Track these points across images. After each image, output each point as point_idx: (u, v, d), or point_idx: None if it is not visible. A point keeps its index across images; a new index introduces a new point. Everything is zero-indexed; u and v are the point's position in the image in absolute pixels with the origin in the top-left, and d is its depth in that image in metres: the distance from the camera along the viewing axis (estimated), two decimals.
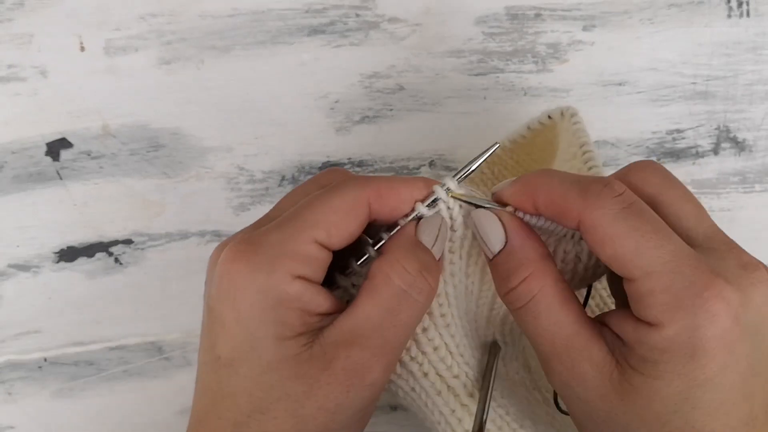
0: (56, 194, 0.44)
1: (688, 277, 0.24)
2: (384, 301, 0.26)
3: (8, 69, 0.44)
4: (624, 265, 0.25)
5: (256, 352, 0.25)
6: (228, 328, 0.26)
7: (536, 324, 0.26)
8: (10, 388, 0.44)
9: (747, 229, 0.44)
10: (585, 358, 0.26)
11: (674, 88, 0.45)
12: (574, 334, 0.26)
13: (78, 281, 0.44)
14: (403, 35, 0.45)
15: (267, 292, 0.25)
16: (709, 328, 0.24)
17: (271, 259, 0.25)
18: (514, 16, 0.45)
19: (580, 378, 0.26)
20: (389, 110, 0.45)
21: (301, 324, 0.26)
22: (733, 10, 0.45)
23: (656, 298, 0.24)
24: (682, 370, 0.24)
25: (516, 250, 0.27)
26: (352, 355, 0.25)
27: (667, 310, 0.24)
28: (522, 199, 0.27)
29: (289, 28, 0.45)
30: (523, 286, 0.26)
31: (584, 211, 0.25)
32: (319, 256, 0.26)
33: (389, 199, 0.27)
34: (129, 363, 0.44)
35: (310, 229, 0.26)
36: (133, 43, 0.44)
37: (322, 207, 0.26)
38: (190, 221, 0.44)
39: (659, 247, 0.24)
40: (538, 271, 0.26)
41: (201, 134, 0.44)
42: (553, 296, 0.26)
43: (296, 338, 0.25)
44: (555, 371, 0.26)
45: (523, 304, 0.26)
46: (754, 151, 0.45)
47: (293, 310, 0.25)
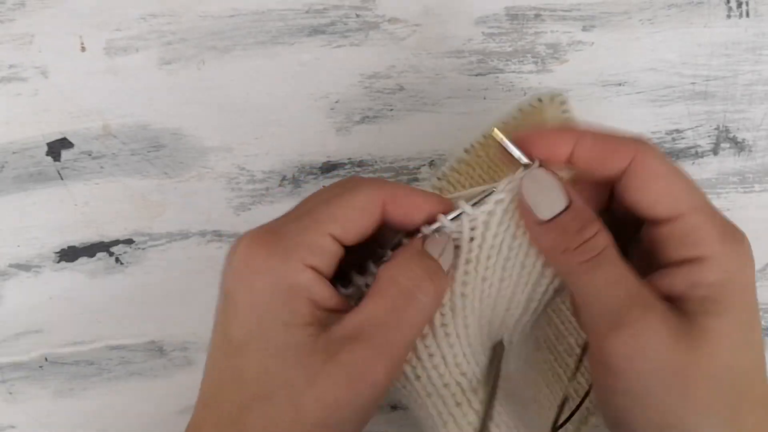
0: (57, 194, 0.44)
1: (724, 220, 0.26)
2: (389, 301, 0.27)
3: (9, 69, 0.44)
4: (673, 200, 0.26)
5: (266, 336, 0.26)
6: (241, 311, 0.26)
7: (608, 274, 0.27)
8: (10, 387, 0.44)
9: (747, 229, 0.44)
10: (656, 307, 0.26)
11: (674, 88, 0.45)
12: (639, 285, 0.26)
13: (79, 281, 0.44)
14: (403, 36, 0.45)
15: (280, 277, 0.26)
16: (751, 264, 0.26)
17: (287, 246, 0.26)
18: (513, 17, 0.45)
19: (652, 329, 0.25)
20: (389, 110, 0.45)
21: (310, 314, 0.26)
22: (733, 11, 0.45)
23: (706, 231, 0.25)
24: (743, 301, 0.25)
25: (582, 208, 0.27)
26: (356, 351, 0.26)
27: (719, 243, 0.25)
28: (560, 144, 0.28)
29: (290, 29, 0.45)
30: (598, 236, 0.27)
31: (639, 149, 0.26)
32: (332, 249, 0.27)
33: (403, 205, 0.28)
34: (130, 363, 0.44)
35: (326, 222, 0.26)
36: (133, 43, 0.44)
37: (339, 203, 0.27)
38: (191, 221, 0.44)
39: (700, 191, 0.27)
40: (604, 227, 0.27)
41: (201, 134, 0.44)
42: (617, 252, 0.27)
43: (304, 327, 0.26)
44: (620, 325, 0.26)
45: (597, 253, 0.27)
46: (753, 152, 0.45)
47: (303, 298, 0.26)
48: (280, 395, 0.25)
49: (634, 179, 0.26)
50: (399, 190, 0.28)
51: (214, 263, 0.44)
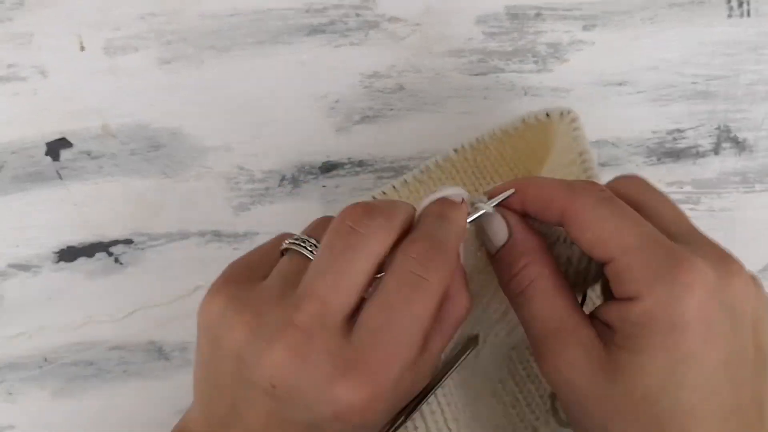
0: (56, 194, 0.44)
1: (665, 252, 0.25)
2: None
3: (8, 69, 0.44)
4: (603, 246, 0.26)
5: None
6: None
7: (532, 307, 0.28)
8: (10, 387, 0.44)
9: (747, 229, 0.44)
10: (575, 340, 0.27)
11: (675, 87, 0.45)
12: (566, 317, 0.27)
13: (78, 281, 0.44)
14: (403, 35, 0.45)
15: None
16: (686, 299, 0.24)
17: None
18: (514, 16, 0.45)
19: (569, 360, 0.27)
20: (389, 110, 0.45)
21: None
22: (734, 10, 0.45)
23: (634, 273, 0.25)
24: (664, 342, 0.25)
25: (518, 242, 0.29)
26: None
27: (645, 283, 0.25)
28: (513, 198, 0.29)
29: (289, 28, 0.44)
30: (524, 272, 0.28)
31: (568, 201, 0.27)
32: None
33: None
34: (129, 363, 0.44)
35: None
36: (132, 42, 0.44)
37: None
38: (190, 221, 0.44)
39: (636, 227, 0.26)
40: (536, 259, 0.28)
41: (201, 134, 0.44)
42: (549, 283, 0.28)
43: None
44: (545, 355, 0.28)
45: (522, 288, 0.28)
46: (754, 151, 0.45)
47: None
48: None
49: (569, 230, 0.27)
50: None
51: (214, 263, 0.44)
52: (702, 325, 0.24)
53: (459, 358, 0.31)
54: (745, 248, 0.27)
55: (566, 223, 0.27)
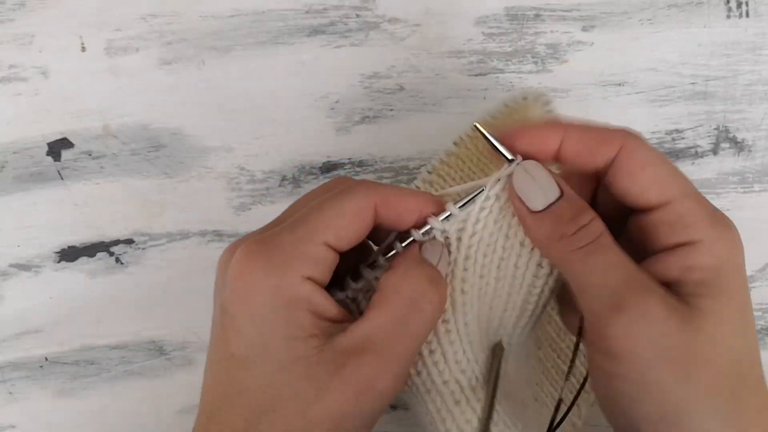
0: (57, 194, 0.44)
1: (711, 205, 0.27)
2: (395, 312, 0.27)
3: (9, 69, 0.44)
4: (662, 187, 0.26)
5: (270, 350, 0.26)
6: (241, 326, 0.26)
7: (606, 258, 0.27)
8: (11, 387, 0.44)
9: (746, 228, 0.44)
10: (654, 290, 0.26)
11: (673, 88, 0.45)
12: (636, 270, 0.27)
13: (79, 281, 0.44)
14: (403, 36, 0.45)
15: (279, 292, 0.26)
16: (740, 249, 0.26)
17: (283, 260, 0.26)
18: (513, 17, 0.45)
19: (652, 312, 0.26)
20: (389, 110, 0.45)
21: (312, 325, 0.26)
22: (733, 11, 0.45)
23: (697, 216, 0.26)
24: (737, 287, 0.26)
25: (576, 196, 0.28)
26: (364, 363, 0.26)
27: (710, 227, 0.26)
28: (548, 138, 0.28)
29: (290, 29, 0.45)
30: (593, 223, 0.27)
31: (627, 139, 0.27)
32: (327, 258, 0.27)
33: (395, 207, 0.28)
34: (130, 362, 0.44)
35: (320, 231, 0.26)
36: (133, 43, 0.44)
37: (331, 210, 0.27)
38: (191, 221, 0.44)
39: (687, 178, 0.27)
40: (597, 215, 0.28)
41: (202, 134, 0.44)
42: (612, 238, 0.27)
43: (307, 339, 0.26)
44: (623, 308, 0.26)
45: (594, 239, 0.27)
46: (753, 151, 0.45)
47: (304, 311, 0.26)
48: (288, 407, 0.25)
49: (623, 168, 0.27)
50: (390, 192, 0.28)
51: (215, 263, 0.44)
52: (744, 272, 0.26)
53: (494, 370, 0.30)
54: (745, 248, 0.27)
55: (622, 160, 0.26)
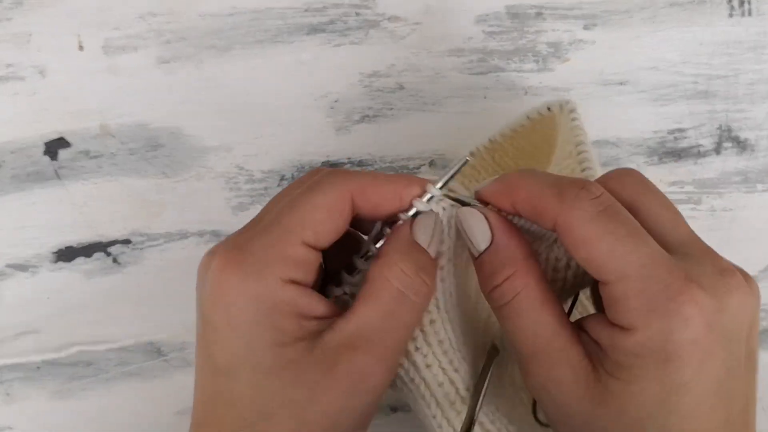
0: (55, 194, 0.44)
1: (662, 281, 0.24)
2: (384, 305, 0.26)
3: (7, 68, 0.44)
4: (598, 268, 0.25)
5: (255, 358, 0.25)
6: (223, 335, 0.26)
7: (517, 323, 0.27)
8: (8, 388, 0.44)
9: (748, 228, 0.44)
10: (563, 361, 0.26)
11: (675, 87, 0.45)
12: (553, 335, 0.26)
13: (76, 281, 0.44)
14: (403, 34, 0.44)
15: (260, 298, 0.25)
16: (683, 333, 0.24)
17: (260, 265, 0.25)
18: (514, 15, 0.45)
19: (557, 381, 0.26)
20: (389, 109, 0.44)
21: (298, 329, 0.26)
22: (735, 10, 0.45)
23: (629, 303, 0.24)
24: (656, 374, 0.24)
25: (501, 249, 0.27)
26: (355, 359, 0.25)
27: (640, 315, 0.24)
28: (501, 197, 0.27)
29: (289, 27, 0.44)
30: (507, 283, 0.27)
31: (560, 213, 0.25)
32: (308, 258, 0.26)
33: (373, 196, 0.27)
34: (128, 363, 0.44)
35: (296, 230, 0.26)
36: (132, 42, 0.44)
37: (305, 206, 0.26)
38: (189, 221, 0.44)
39: (634, 251, 0.24)
40: (522, 269, 0.27)
41: (200, 134, 0.44)
42: (535, 296, 0.27)
43: (295, 344, 0.25)
44: (533, 373, 0.27)
45: (506, 301, 0.27)
46: (756, 151, 0.45)
47: (288, 315, 0.25)
48: (281, 414, 0.25)
49: (563, 240, 0.26)
50: (366, 180, 0.27)
51: None
52: (697, 356, 0.24)
53: (487, 371, 0.30)
54: (746, 248, 0.27)
55: (559, 235, 0.26)
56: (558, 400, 0.26)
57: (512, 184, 0.27)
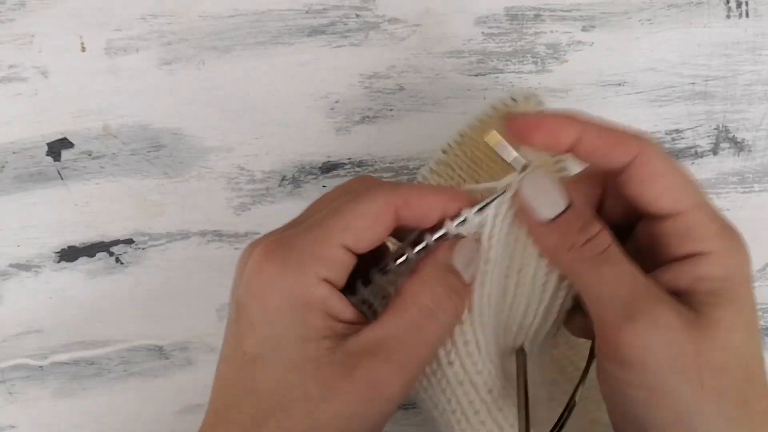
0: (57, 194, 0.44)
1: (722, 216, 0.27)
2: (411, 318, 0.27)
3: (9, 69, 0.44)
4: (675, 197, 0.26)
5: (281, 350, 0.26)
6: (256, 325, 0.26)
7: (616, 269, 0.27)
8: (11, 387, 0.44)
9: (746, 228, 0.44)
10: (665, 300, 0.26)
11: (673, 88, 0.45)
12: (646, 280, 0.27)
13: (79, 281, 0.44)
14: (403, 36, 0.45)
15: (295, 292, 0.26)
16: (748, 260, 0.27)
17: (300, 260, 0.26)
18: (513, 17, 0.45)
19: (664, 321, 0.26)
20: (389, 110, 0.45)
21: (325, 327, 0.26)
22: (732, 11, 0.45)
23: (708, 228, 0.26)
24: (746, 296, 0.26)
25: (584, 207, 0.28)
26: (374, 367, 0.26)
27: (720, 239, 0.26)
28: (567, 128, 0.27)
29: (290, 29, 0.45)
30: (602, 234, 0.27)
31: (644, 145, 0.27)
32: (345, 260, 0.27)
33: (417, 208, 0.28)
34: (130, 363, 0.44)
35: (339, 233, 0.26)
36: (133, 43, 0.45)
37: (351, 212, 0.27)
38: (191, 221, 0.44)
39: (700, 189, 0.27)
40: (605, 225, 0.28)
41: (202, 134, 0.44)
42: (621, 248, 0.27)
43: (319, 341, 0.26)
44: (635, 317, 0.26)
45: (603, 250, 0.27)
46: (753, 152, 0.45)
47: (318, 312, 0.26)
48: (297, 408, 0.26)
49: (637, 174, 0.27)
50: (411, 192, 0.28)
51: (215, 263, 0.44)
52: (751, 285, 0.27)
53: (521, 376, 0.30)
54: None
55: (636, 167, 0.26)
56: (665, 342, 0.26)
57: (580, 121, 0.28)
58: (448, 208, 0.28)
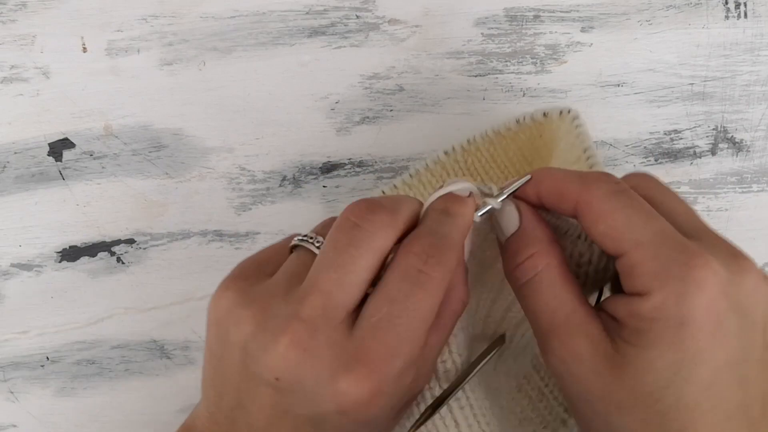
0: (59, 194, 0.44)
1: (676, 248, 0.25)
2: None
3: (11, 70, 0.44)
4: (615, 239, 0.26)
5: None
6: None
7: (537, 299, 0.28)
8: (12, 386, 0.44)
9: (744, 229, 0.45)
10: (582, 333, 0.27)
11: (672, 89, 0.45)
12: (572, 310, 0.27)
13: (80, 280, 0.44)
14: (403, 37, 0.45)
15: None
16: (697, 296, 0.24)
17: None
18: (512, 18, 0.45)
19: (575, 353, 0.27)
20: (389, 111, 0.45)
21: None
22: (731, 12, 0.45)
23: (645, 267, 0.25)
24: (672, 339, 0.24)
25: (526, 231, 0.28)
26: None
27: (656, 278, 0.25)
28: (527, 189, 0.29)
29: (290, 30, 0.45)
30: (529, 261, 0.28)
31: (581, 192, 0.27)
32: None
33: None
34: (131, 362, 0.44)
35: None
36: (135, 44, 0.45)
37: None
38: (192, 221, 0.44)
39: (648, 223, 0.26)
40: (544, 250, 0.28)
41: (202, 135, 0.45)
42: (555, 274, 0.28)
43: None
44: (552, 347, 0.27)
45: (528, 278, 0.28)
46: (751, 152, 0.45)
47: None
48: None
49: (583, 220, 0.27)
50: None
51: (215, 263, 0.44)
52: (711, 323, 0.24)
53: (486, 356, 0.31)
54: (742, 248, 0.27)
55: (579, 214, 0.27)
56: (577, 374, 0.27)
57: (538, 173, 0.29)
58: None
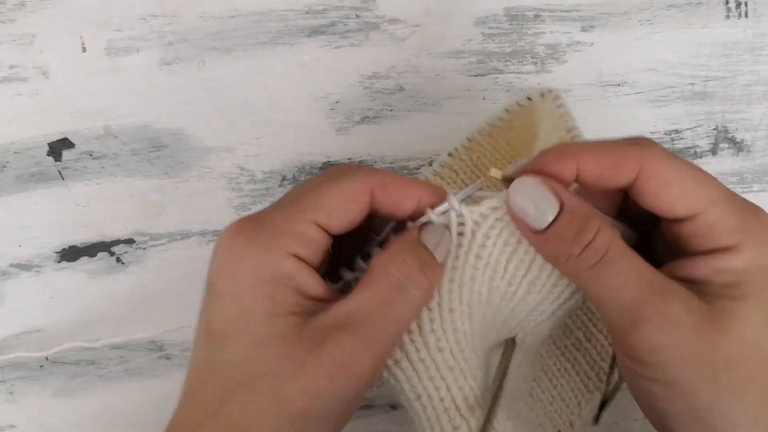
0: (58, 194, 0.44)
1: (742, 203, 0.26)
2: (379, 292, 0.26)
3: (10, 69, 0.44)
4: (689, 200, 0.26)
5: (248, 326, 0.26)
6: (223, 301, 0.26)
7: (617, 274, 0.26)
8: (11, 387, 0.44)
9: None
10: (674, 296, 0.25)
11: (673, 88, 0.45)
12: (653, 277, 0.26)
13: (80, 281, 0.44)
14: (403, 36, 0.45)
15: (262, 267, 0.26)
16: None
17: (269, 235, 0.26)
18: (513, 17, 0.45)
19: (673, 317, 0.25)
20: (389, 110, 0.45)
21: (293, 303, 0.26)
22: (732, 11, 0.45)
23: (727, 223, 0.25)
24: (765, 283, 0.25)
25: (579, 209, 0.26)
26: (341, 341, 0.25)
27: (740, 232, 0.25)
28: (564, 164, 0.27)
29: (290, 29, 0.45)
30: (599, 237, 0.26)
31: (646, 157, 0.26)
32: (317, 238, 0.26)
33: (393, 193, 0.27)
34: (130, 362, 0.44)
35: (311, 210, 0.26)
36: (134, 43, 0.45)
37: (325, 191, 0.27)
38: (192, 221, 0.44)
39: (713, 180, 0.26)
40: (604, 222, 0.26)
41: (202, 134, 0.44)
42: (624, 245, 0.26)
43: (287, 317, 0.26)
44: (644, 318, 0.25)
45: (602, 256, 0.26)
46: (752, 152, 0.45)
47: (286, 287, 0.26)
48: (262, 385, 0.25)
49: (646, 188, 0.26)
50: (388, 177, 0.27)
51: None
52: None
53: (505, 365, 0.30)
54: None
55: (643, 180, 0.26)
56: (678, 339, 0.25)
57: (574, 149, 0.27)
58: (424, 198, 0.28)
